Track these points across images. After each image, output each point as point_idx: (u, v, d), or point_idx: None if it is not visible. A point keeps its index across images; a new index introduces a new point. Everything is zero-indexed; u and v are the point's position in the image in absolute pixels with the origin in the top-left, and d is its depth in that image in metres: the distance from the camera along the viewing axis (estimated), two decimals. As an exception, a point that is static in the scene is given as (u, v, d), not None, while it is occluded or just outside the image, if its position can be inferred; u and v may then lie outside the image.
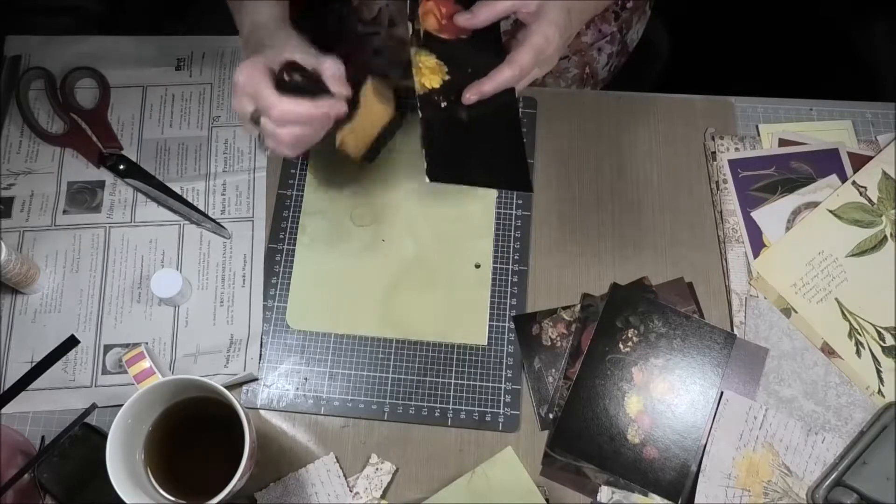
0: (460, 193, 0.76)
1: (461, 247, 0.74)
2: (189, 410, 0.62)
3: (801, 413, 0.68)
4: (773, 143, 0.77)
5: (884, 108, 0.79)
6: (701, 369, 0.68)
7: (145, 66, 0.81)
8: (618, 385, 0.68)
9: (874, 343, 0.69)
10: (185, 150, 0.78)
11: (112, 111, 0.80)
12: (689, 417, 0.67)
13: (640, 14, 0.93)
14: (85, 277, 0.73)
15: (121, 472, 0.56)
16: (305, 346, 0.71)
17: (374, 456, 0.67)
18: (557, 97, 0.80)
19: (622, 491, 0.65)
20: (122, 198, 0.76)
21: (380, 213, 0.75)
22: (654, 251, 0.74)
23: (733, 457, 0.66)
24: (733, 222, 0.74)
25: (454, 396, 0.69)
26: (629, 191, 0.76)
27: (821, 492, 0.64)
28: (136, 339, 0.71)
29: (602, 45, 0.89)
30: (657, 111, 0.79)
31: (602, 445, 0.66)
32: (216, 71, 0.81)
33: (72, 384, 0.69)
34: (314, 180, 0.77)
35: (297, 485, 0.66)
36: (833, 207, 0.73)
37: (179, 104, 0.80)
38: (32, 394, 0.68)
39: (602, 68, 0.92)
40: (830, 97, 0.79)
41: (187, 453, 0.63)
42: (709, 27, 1.22)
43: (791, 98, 0.79)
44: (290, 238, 0.74)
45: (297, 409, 0.69)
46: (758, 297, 0.71)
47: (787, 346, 0.70)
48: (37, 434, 0.68)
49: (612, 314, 0.70)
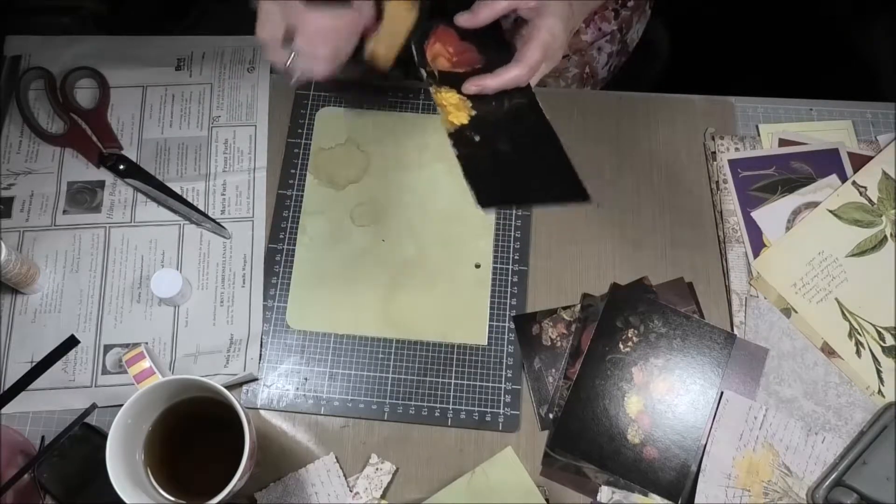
0: (460, 193, 0.75)
1: (461, 247, 0.74)
2: (189, 410, 0.62)
3: (801, 413, 0.68)
4: (773, 143, 0.77)
5: (884, 108, 0.79)
6: (701, 369, 0.68)
7: (145, 66, 0.81)
8: (618, 385, 0.68)
9: (874, 343, 0.69)
10: (185, 150, 0.78)
11: (112, 111, 0.79)
12: (689, 417, 0.67)
13: (640, 14, 0.93)
14: (85, 277, 0.73)
15: (121, 472, 0.56)
16: (305, 346, 0.71)
17: (374, 456, 0.67)
18: (557, 97, 0.80)
19: (622, 491, 0.65)
20: (122, 198, 0.76)
21: (380, 213, 0.75)
22: (654, 251, 0.74)
23: (733, 457, 0.66)
24: (733, 222, 0.74)
25: (454, 396, 0.69)
26: (629, 191, 0.76)
27: (821, 492, 0.64)
28: (136, 339, 0.71)
29: (602, 44, 0.89)
30: (657, 111, 0.79)
31: (602, 445, 0.66)
32: (216, 71, 0.81)
33: (72, 384, 0.69)
34: (314, 180, 0.77)
35: (297, 485, 0.66)
36: (833, 207, 0.73)
37: (179, 104, 0.80)
38: (32, 394, 0.68)
39: (602, 68, 0.92)
40: (830, 97, 0.79)
41: (187, 453, 0.63)
42: (709, 27, 1.22)
43: (791, 98, 0.79)
44: (290, 238, 0.74)
45: (297, 409, 0.69)
46: (758, 297, 0.71)
47: (787, 346, 0.70)
48: (37, 434, 0.68)
49: (612, 314, 0.70)
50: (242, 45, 0.82)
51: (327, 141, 0.78)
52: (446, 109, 0.64)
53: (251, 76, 0.80)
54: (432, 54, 0.66)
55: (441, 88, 0.65)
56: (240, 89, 0.80)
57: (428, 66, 0.66)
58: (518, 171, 0.63)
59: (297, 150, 0.78)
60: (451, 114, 0.64)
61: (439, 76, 0.65)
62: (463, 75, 0.66)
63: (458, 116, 0.64)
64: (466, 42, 0.66)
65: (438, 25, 0.67)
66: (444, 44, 0.66)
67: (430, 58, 0.66)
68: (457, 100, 0.64)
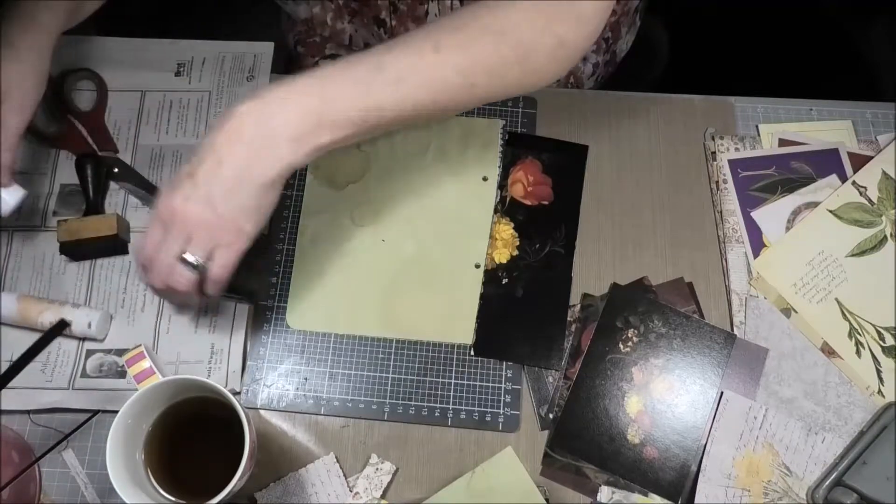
0: (460, 193, 0.76)
1: (461, 247, 0.74)
2: (189, 410, 0.62)
3: (801, 413, 0.68)
4: (773, 143, 0.77)
5: (884, 108, 0.79)
6: (701, 369, 0.68)
7: (145, 69, 0.80)
8: (618, 385, 0.68)
9: (874, 343, 0.69)
10: (180, 158, 0.77)
11: (109, 114, 0.79)
12: (689, 417, 0.67)
13: (629, 23, 0.92)
14: (71, 281, 0.72)
15: (121, 472, 0.56)
16: (305, 346, 0.71)
17: (374, 456, 0.67)
18: (558, 97, 0.80)
19: (622, 491, 0.65)
20: (112, 201, 0.75)
21: (380, 213, 0.75)
22: (654, 251, 0.74)
23: (733, 457, 0.66)
24: (733, 222, 0.74)
25: (454, 396, 0.69)
26: (629, 191, 0.76)
27: (821, 492, 0.64)
28: (119, 346, 0.70)
29: (587, 53, 0.88)
30: (657, 111, 0.79)
31: (602, 445, 0.66)
32: (215, 78, 0.80)
33: (48, 385, 0.69)
34: (314, 180, 0.77)
35: (297, 485, 0.66)
36: (833, 207, 0.73)
37: (177, 111, 0.79)
38: (5, 392, 0.67)
39: (588, 78, 0.91)
40: (830, 97, 0.79)
41: (187, 453, 0.63)
42: (708, 27, 1.22)
43: (791, 98, 0.79)
44: (289, 238, 0.74)
45: (297, 409, 0.69)
46: (758, 297, 0.71)
47: (787, 346, 0.70)
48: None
49: (612, 314, 0.70)
50: (244, 52, 0.81)
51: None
52: (495, 244, 0.72)
53: (250, 85, 0.80)
54: (514, 178, 0.74)
55: (503, 218, 0.73)
56: (238, 98, 0.79)
57: (506, 189, 0.74)
58: (518, 324, 0.70)
59: (297, 151, 0.78)
60: (497, 250, 0.72)
61: (508, 202, 0.73)
62: (529, 209, 0.74)
63: (502, 254, 0.72)
64: (546, 175, 0.75)
65: (528, 156, 0.76)
66: (526, 172, 0.74)
67: (511, 181, 0.74)
68: (509, 235, 0.72)
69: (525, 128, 0.78)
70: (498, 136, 0.77)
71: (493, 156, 0.77)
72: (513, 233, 0.73)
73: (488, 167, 0.76)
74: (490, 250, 0.72)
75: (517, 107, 0.79)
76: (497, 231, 0.73)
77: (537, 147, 0.76)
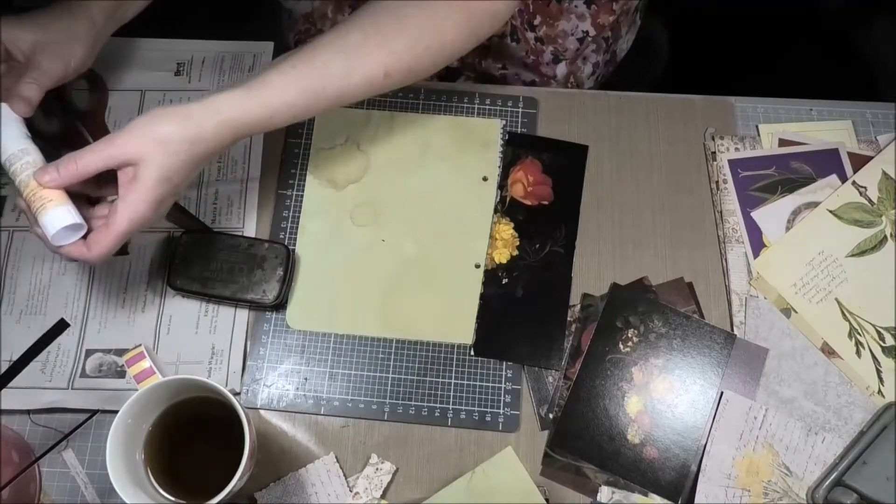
0: (460, 194, 0.76)
1: (461, 247, 0.74)
2: (189, 410, 0.62)
3: (801, 413, 0.68)
4: (773, 144, 0.77)
5: (884, 108, 0.79)
6: (701, 369, 0.68)
7: (145, 69, 0.81)
8: (618, 385, 0.68)
9: (874, 343, 0.69)
10: None
11: (109, 114, 0.79)
12: (689, 417, 0.67)
13: (629, 23, 0.91)
14: (71, 281, 0.73)
15: (121, 472, 0.56)
16: (305, 346, 0.71)
17: (374, 456, 0.67)
18: (558, 97, 0.80)
19: (622, 491, 0.66)
20: None
21: (380, 213, 0.75)
22: (654, 251, 0.74)
23: (733, 457, 0.66)
24: (733, 222, 0.74)
25: (454, 396, 0.69)
26: (629, 191, 0.76)
27: (821, 492, 0.64)
28: (119, 346, 0.70)
29: (587, 53, 0.88)
30: (657, 111, 0.79)
31: (602, 445, 0.66)
32: (215, 77, 0.80)
33: (48, 385, 0.69)
34: (314, 180, 0.77)
35: (297, 485, 0.66)
36: (833, 207, 0.73)
37: None
38: (6, 392, 0.67)
39: (588, 78, 0.91)
40: (830, 97, 0.79)
41: (187, 453, 0.63)
42: (708, 27, 1.23)
43: (791, 98, 0.79)
44: (290, 238, 0.74)
45: (297, 409, 0.69)
46: (758, 297, 0.71)
47: (787, 346, 0.70)
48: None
49: (612, 314, 0.70)
50: (243, 52, 0.81)
51: (327, 141, 0.78)
52: (495, 244, 0.72)
53: None
54: (514, 178, 0.74)
55: (503, 218, 0.73)
56: None
57: (507, 189, 0.74)
58: (517, 324, 0.70)
59: (297, 150, 0.78)
60: (497, 250, 0.72)
61: (508, 202, 0.73)
62: (529, 209, 0.74)
63: (502, 254, 0.72)
64: (546, 175, 0.75)
65: (528, 156, 0.76)
66: (526, 172, 0.74)
67: (511, 181, 0.74)
68: (509, 235, 0.72)
69: (525, 128, 0.78)
70: (498, 135, 0.78)
71: (493, 156, 0.77)
72: (513, 233, 0.73)
73: (488, 167, 0.76)
74: (490, 250, 0.73)
75: (517, 107, 0.79)
76: (497, 231, 0.73)
77: (537, 147, 0.77)
